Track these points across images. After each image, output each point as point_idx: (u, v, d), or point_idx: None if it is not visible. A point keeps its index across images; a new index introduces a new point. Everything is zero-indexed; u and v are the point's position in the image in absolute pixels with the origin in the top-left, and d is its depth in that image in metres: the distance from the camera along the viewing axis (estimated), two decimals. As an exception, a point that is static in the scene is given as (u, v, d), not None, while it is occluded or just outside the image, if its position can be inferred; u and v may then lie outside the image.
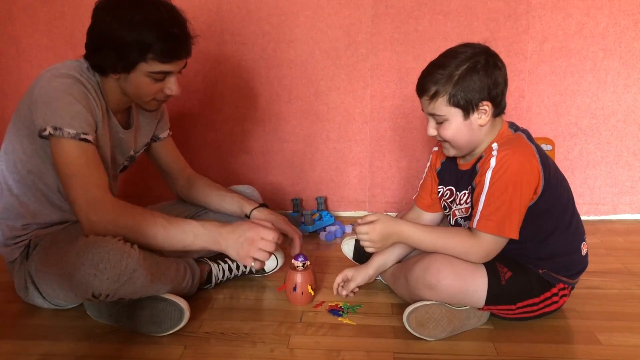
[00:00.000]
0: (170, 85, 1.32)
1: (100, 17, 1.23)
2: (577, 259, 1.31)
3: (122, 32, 1.20)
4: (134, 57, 1.23)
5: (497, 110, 1.24)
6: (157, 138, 1.58)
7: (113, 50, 1.22)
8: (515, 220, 1.20)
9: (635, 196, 2.22)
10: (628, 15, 2.05)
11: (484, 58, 1.21)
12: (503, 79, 1.23)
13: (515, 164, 1.19)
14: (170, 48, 1.25)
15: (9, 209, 1.34)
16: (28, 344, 1.25)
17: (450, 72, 1.20)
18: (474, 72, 1.19)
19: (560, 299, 1.30)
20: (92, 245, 1.13)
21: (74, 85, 1.23)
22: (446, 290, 1.23)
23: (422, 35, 2.13)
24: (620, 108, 2.14)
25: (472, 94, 1.20)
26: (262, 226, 1.29)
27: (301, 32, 2.17)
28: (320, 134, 2.27)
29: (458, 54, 1.22)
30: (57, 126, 1.19)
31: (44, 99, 1.22)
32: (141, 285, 1.19)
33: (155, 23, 1.21)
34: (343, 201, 2.34)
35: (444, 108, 1.23)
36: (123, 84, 1.30)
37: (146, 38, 1.21)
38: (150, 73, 1.26)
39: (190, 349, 1.22)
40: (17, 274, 1.37)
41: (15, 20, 2.21)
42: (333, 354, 1.20)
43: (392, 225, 1.29)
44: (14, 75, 2.26)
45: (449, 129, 1.25)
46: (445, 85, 1.21)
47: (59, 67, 1.27)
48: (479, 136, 1.26)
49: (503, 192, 1.18)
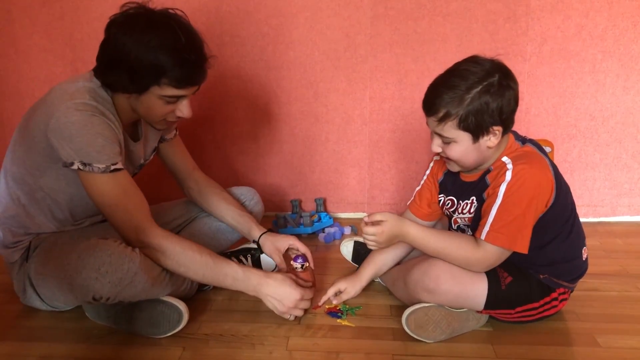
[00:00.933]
0: (182, 108, 1.29)
1: (115, 35, 1.18)
2: (578, 264, 1.31)
3: (137, 54, 1.16)
4: (147, 81, 1.20)
5: (506, 130, 1.21)
6: (163, 139, 1.57)
7: (126, 71, 1.18)
8: (527, 235, 1.18)
9: (634, 198, 2.22)
10: (627, 17, 2.05)
11: (496, 79, 1.15)
12: (514, 98, 1.18)
13: (532, 179, 1.17)
14: (186, 74, 1.21)
15: (14, 217, 1.33)
16: (26, 345, 1.25)
17: (461, 95, 1.15)
18: (486, 95, 1.14)
19: (559, 303, 1.30)
20: (94, 248, 1.13)
21: (93, 117, 1.18)
22: (445, 294, 1.23)
23: (421, 37, 2.13)
24: (619, 110, 2.14)
25: (484, 118, 1.15)
26: (305, 288, 1.34)
27: (300, 33, 2.17)
28: (319, 135, 2.27)
29: (469, 73, 1.16)
30: (85, 162, 1.18)
31: (65, 134, 1.17)
32: (142, 289, 1.19)
33: (172, 48, 1.17)
34: (342, 203, 2.34)
35: (452, 131, 1.18)
36: (133, 103, 1.27)
37: (162, 63, 1.17)
38: (163, 96, 1.23)
39: (189, 351, 1.22)
40: (16, 275, 1.37)
41: (14, 22, 2.21)
42: (332, 356, 1.20)
43: (399, 227, 1.26)
44: (13, 77, 2.26)
45: (456, 150, 1.21)
46: (456, 108, 1.15)
47: (74, 95, 1.20)
48: (487, 156, 1.24)
49: (517, 206, 1.16)
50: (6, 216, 1.34)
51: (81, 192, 1.25)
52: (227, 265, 1.28)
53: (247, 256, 1.60)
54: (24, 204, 1.31)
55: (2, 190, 1.34)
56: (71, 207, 1.34)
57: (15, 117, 2.27)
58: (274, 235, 1.53)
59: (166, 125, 1.36)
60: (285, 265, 1.50)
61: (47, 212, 1.34)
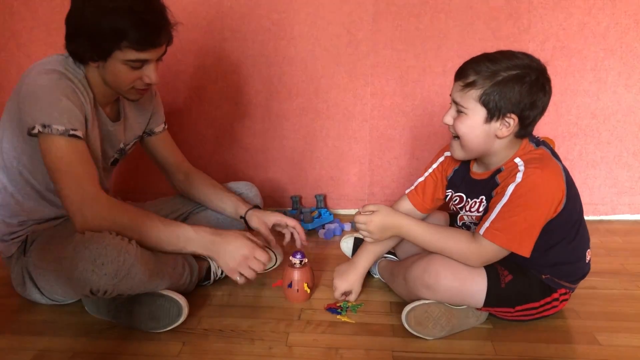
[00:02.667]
0: (149, 73, 1.28)
1: (75, 4, 1.21)
2: (581, 265, 1.30)
3: (96, 18, 1.18)
4: (108, 45, 1.20)
5: (521, 131, 1.20)
6: (151, 132, 1.57)
7: (87, 38, 1.20)
8: (530, 239, 1.17)
9: (634, 197, 2.22)
10: (629, 15, 2.05)
11: (536, 75, 1.15)
12: (542, 105, 1.17)
13: (543, 185, 1.16)
14: (145, 36, 1.21)
15: (4, 207, 1.33)
16: (26, 339, 1.25)
17: (497, 69, 1.14)
18: (518, 82, 1.14)
19: (560, 303, 1.29)
20: (90, 241, 1.13)
21: (60, 80, 1.22)
22: (444, 291, 1.23)
23: (423, 34, 2.12)
24: (620, 108, 2.14)
25: (505, 102, 1.14)
26: (258, 246, 1.31)
27: (302, 29, 2.16)
28: (320, 131, 2.27)
29: (515, 57, 1.16)
30: (45, 123, 1.17)
31: (31, 97, 1.20)
32: (139, 281, 1.19)
33: (129, 10, 1.18)
34: (342, 199, 2.34)
35: (471, 101, 1.18)
36: (102, 73, 1.27)
37: (120, 25, 1.17)
38: (127, 61, 1.23)
39: (189, 346, 1.22)
40: (14, 269, 1.37)
41: (15, 15, 2.20)
42: (331, 351, 1.20)
43: (391, 218, 1.28)
44: (14, 70, 2.25)
45: (465, 123, 1.20)
46: (485, 80, 1.15)
47: (45, 63, 1.25)
48: (492, 146, 1.22)
49: (522, 208, 1.15)
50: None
51: None
52: (178, 227, 1.27)
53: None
54: (11, 192, 1.31)
55: None
56: (50, 186, 1.32)
57: (15, 111, 2.27)
58: (260, 211, 1.53)
59: (137, 94, 1.35)
60: (273, 238, 1.49)
61: (33, 195, 1.34)
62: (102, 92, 1.33)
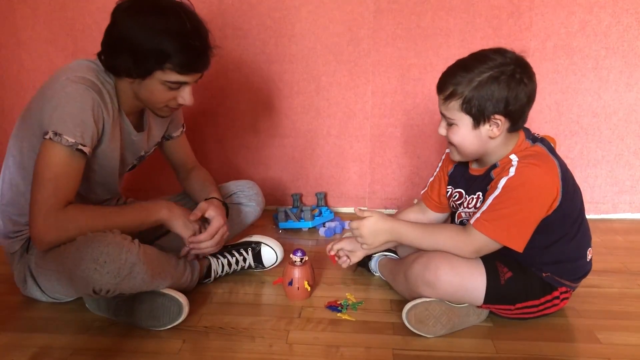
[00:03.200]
0: (184, 95, 1.30)
1: (121, 19, 1.20)
2: (582, 264, 1.30)
3: (142, 38, 1.17)
4: (151, 65, 1.20)
5: (513, 126, 1.20)
6: (170, 137, 1.57)
7: (130, 55, 1.19)
8: (522, 233, 1.18)
9: (635, 195, 2.22)
10: (631, 14, 2.04)
11: (511, 69, 1.15)
12: (527, 95, 1.17)
13: (535, 179, 1.16)
14: (189, 60, 1.23)
15: (14, 205, 1.33)
16: (26, 337, 1.25)
17: (472, 76, 1.15)
18: (494, 82, 1.14)
19: (561, 302, 1.29)
20: (92, 240, 1.13)
21: (86, 92, 1.20)
22: (445, 287, 1.23)
23: (424, 32, 2.12)
24: (621, 107, 2.14)
25: (487, 104, 1.15)
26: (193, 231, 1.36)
27: (303, 27, 2.16)
28: (321, 129, 2.27)
29: (487, 59, 1.16)
30: (58, 132, 1.17)
31: (55, 102, 1.19)
32: (141, 280, 1.19)
33: (177, 33, 1.19)
34: (343, 197, 2.34)
35: (455, 112, 1.19)
36: (136, 88, 1.27)
37: (166, 47, 1.18)
38: (166, 82, 1.24)
39: (189, 343, 1.22)
40: (16, 266, 1.37)
41: (15, 12, 2.20)
42: (332, 349, 1.20)
43: (382, 222, 1.29)
44: (14, 67, 2.25)
45: (457, 134, 1.22)
46: (462, 89, 1.16)
47: (75, 69, 1.24)
48: (489, 147, 1.23)
49: (514, 202, 1.15)
50: (5, 204, 1.34)
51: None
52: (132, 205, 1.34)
53: (248, 250, 1.59)
54: (22, 191, 1.31)
55: (3, 178, 1.34)
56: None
57: (15, 108, 2.26)
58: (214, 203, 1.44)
59: (168, 112, 1.36)
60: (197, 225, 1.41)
61: None
62: (129, 103, 1.33)
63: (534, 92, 1.20)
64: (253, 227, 1.76)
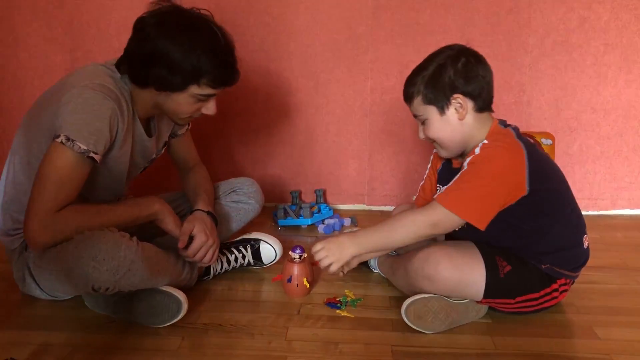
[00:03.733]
0: (209, 106, 1.34)
1: (155, 34, 1.21)
2: (580, 251, 1.30)
3: (179, 55, 1.20)
4: (187, 80, 1.24)
5: (478, 104, 1.24)
6: (175, 135, 1.58)
7: (166, 69, 1.21)
8: (482, 209, 1.18)
9: (634, 191, 2.22)
10: (630, 10, 2.04)
11: (455, 55, 1.24)
12: (480, 74, 1.23)
13: (497, 157, 1.19)
14: (225, 75, 1.28)
15: (15, 202, 1.33)
16: (26, 334, 1.25)
17: (424, 73, 1.25)
18: (443, 69, 1.23)
19: (560, 294, 1.30)
20: (90, 238, 1.13)
21: (105, 101, 1.20)
22: (444, 282, 1.23)
23: (423, 29, 2.12)
24: (620, 103, 2.14)
25: (441, 88, 1.23)
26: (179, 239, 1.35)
27: (301, 24, 2.15)
28: (319, 126, 2.27)
29: (435, 56, 1.27)
30: (71, 137, 1.16)
31: (71, 107, 1.18)
32: (140, 278, 1.19)
33: (213, 50, 1.23)
34: (342, 194, 2.34)
35: (420, 108, 1.27)
36: (162, 99, 1.29)
37: (203, 65, 1.22)
38: (198, 95, 1.28)
39: (188, 340, 1.22)
40: (16, 263, 1.37)
41: (13, 9, 2.19)
42: (331, 346, 1.20)
43: (346, 235, 1.30)
44: (12, 65, 2.24)
45: (431, 127, 1.28)
46: (419, 86, 1.26)
47: (93, 75, 1.24)
48: (463, 132, 1.26)
49: (475, 177, 1.18)
50: (7, 201, 1.34)
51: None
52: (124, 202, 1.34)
53: (247, 247, 1.59)
54: (25, 190, 1.30)
55: (7, 176, 1.34)
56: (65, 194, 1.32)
57: (13, 105, 2.26)
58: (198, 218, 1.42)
59: (188, 121, 1.41)
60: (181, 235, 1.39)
61: None
62: (145, 110, 1.35)
63: (486, 71, 1.25)
64: (252, 225, 1.76)
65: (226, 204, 1.63)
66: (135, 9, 2.10)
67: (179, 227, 1.36)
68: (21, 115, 1.37)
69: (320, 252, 1.29)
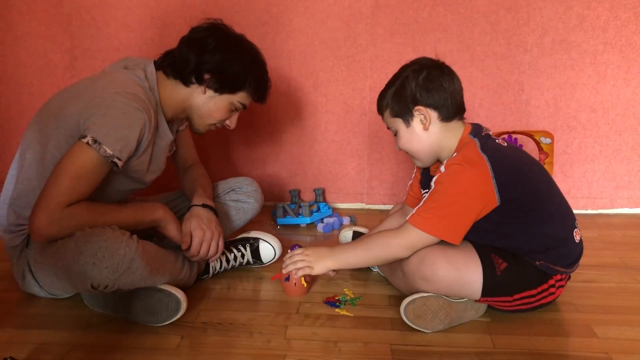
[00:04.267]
0: (233, 119, 1.49)
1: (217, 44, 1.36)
2: (572, 247, 1.30)
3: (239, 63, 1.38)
4: (240, 85, 1.40)
5: (442, 114, 1.28)
6: (177, 130, 1.59)
7: (225, 73, 1.37)
8: (454, 225, 1.21)
9: (633, 190, 2.22)
10: (629, 9, 2.04)
11: (418, 69, 1.28)
12: (443, 85, 1.26)
13: (461, 176, 1.20)
14: (265, 89, 1.47)
15: (22, 197, 1.33)
16: (25, 333, 1.25)
17: (392, 88, 1.31)
18: (405, 83, 1.28)
19: (557, 290, 1.30)
20: (91, 235, 1.13)
21: (135, 111, 1.23)
22: (441, 281, 1.23)
23: (422, 27, 2.12)
24: (619, 102, 2.14)
25: (404, 101, 1.28)
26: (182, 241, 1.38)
27: (300, 22, 2.15)
28: (318, 125, 2.27)
29: (402, 70, 1.32)
30: (98, 140, 1.18)
31: (102, 111, 1.21)
32: (140, 276, 1.19)
33: (262, 67, 1.45)
34: (341, 193, 2.34)
35: (389, 120, 1.34)
36: (200, 100, 1.40)
37: (256, 75, 1.42)
38: (238, 102, 1.43)
39: (187, 339, 1.22)
40: (16, 261, 1.36)
41: (12, 7, 2.19)
42: (330, 345, 1.20)
43: (324, 248, 1.34)
44: (10, 63, 2.24)
45: (400, 139, 1.34)
46: (387, 100, 1.32)
47: (124, 83, 1.28)
48: (431, 141, 1.30)
49: (444, 195, 1.21)
50: (15, 197, 1.33)
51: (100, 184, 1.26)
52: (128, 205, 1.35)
53: (246, 246, 1.59)
54: (33, 186, 1.31)
55: (17, 171, 1.34)
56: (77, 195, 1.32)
57: (11, 103, 2.26)
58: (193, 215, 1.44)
59: (207, 130, 1.49)
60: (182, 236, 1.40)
61: None
62: (172, 113, 1.43)
63: (449, 82, 1.28)
64: (251, 223, 1.76)
65: (225, 203, 1.64)
66: (133, 8, 2.11)
67: (181, 234, 1.37)
68: (20, 112, 1.37)
69: (297, 256, 1.33)
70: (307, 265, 1.31)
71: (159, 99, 1.38)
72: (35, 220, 1.18)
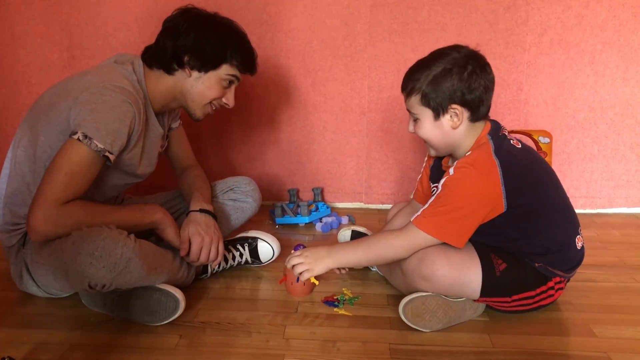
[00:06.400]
0: (229, 96, 1.44)
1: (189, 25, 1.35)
2: (573, 253, 1.30)
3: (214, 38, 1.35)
4: (221, 58, 1.37)
5: (474, 115, 1.24)
6: (170, 128, 1.59)
7: (202, 51, 1.34)
8: (459, 229, 1.21)
9: (631, 190, 2.22)
10: (627, 8, 2.04)
11: (463, 62, 1.20)
12: (483, 85, 1.21)
13: (469, 181, 1.19)
14: (250, 59, 1.43)
15: (16, 195, 1.33)
16: (23, 332, 1.24)
17: (428, 72, 1.22)
18: (448, 75, 1.20)
19: (556, 292, 1.30)
20: (88, 234, 1.13)
21: (126, 105, 1.24)
22: (441, 281, 1.23)
23: (420, 26, 2.11)
24: (618, 101, 2.14)
25: (442, 96, 1.21)
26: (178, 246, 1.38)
27: (299, 21, 2.15)
28: (317, 124, 2.27)
29: (443, 55, 1.23)
30: (88, 135, 1.19)
31: (91, 106, 1.21)
32: (137, 275, 1.19)
33: (241, 38, 1.42)
34: (340, 192, 2.34)
35: (416, 106, 1.26)
36: (189, 84, 1.38)
37: (235, 46, 1.38)
38: (227, 75, 1.39)
39: (186, 339, 1.22)
40: (13, 260, 1.36)
41: (10, 6, 2.18)
42: (329, 344, 1.20)
43: (323, 247, 1.33)
44: (8, 62, 2.24)
45: (422, 128, 1.28)
46: (420, 84, 1.23)
47: (113, 77, 1.28)
48: (454, 138, 1.27)
49: (451, 199, 1.20)
50: (9, 195, 1.33)
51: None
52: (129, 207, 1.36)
53: (245, 245, 1.59)
54: (28, 183, 1.30)
55: (9, 168, 1.34)
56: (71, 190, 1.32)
57: (10, 102, 2.25)
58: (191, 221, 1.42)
59: (204, 114, 1.45)
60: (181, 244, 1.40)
61: None
62: (161, 103, 1.42)
63: (489, 82, 1.24)
64: (250, 223, 1.76)
65: (224, 203, 1.63)
66: (131, 6, 2.11)
67: (179, 237, 1.37)
68: (18, 112, 1.37)
69: (296, 258, 1.32)
70: (307, 269, 1.31)
71: (146, 91, 1.37)
72: (32, 218, 1.17)
